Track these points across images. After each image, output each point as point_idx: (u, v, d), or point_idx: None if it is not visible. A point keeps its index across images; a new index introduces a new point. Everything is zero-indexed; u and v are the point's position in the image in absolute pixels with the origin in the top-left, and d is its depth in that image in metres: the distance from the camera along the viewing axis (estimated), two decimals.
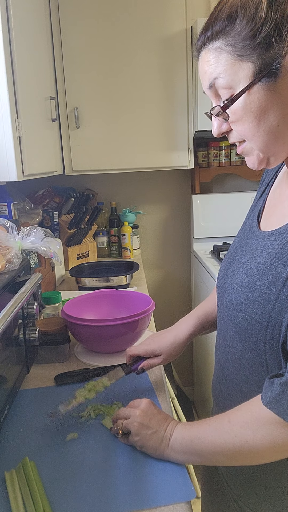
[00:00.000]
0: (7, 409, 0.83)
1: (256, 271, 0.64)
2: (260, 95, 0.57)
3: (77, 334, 1.12)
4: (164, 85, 1.96)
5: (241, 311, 0.65)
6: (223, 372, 0.75)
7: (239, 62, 0.57)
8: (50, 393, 0.96)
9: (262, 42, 0.55)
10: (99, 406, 0.87)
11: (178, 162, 2.04)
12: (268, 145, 0.61)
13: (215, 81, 0.60)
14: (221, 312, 0.74)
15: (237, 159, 2.24)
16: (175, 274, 2.52)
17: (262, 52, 0.55)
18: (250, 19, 0.55)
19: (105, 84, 1.93)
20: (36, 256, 1.51)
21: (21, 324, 0.94)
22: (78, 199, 2.06)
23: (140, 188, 2.41)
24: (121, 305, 1.26)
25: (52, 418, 0.84)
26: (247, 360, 0.67)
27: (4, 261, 0.91)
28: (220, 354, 0.76)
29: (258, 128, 0.59)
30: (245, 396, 0.68)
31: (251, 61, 0.56)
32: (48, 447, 0.77)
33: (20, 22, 1.33)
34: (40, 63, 1.64)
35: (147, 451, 0.70)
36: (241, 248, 0.72)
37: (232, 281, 0.69)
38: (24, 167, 1.33)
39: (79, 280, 1.72)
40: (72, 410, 0.83)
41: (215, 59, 0.59)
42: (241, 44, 0.56)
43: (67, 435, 0.79)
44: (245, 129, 0.60)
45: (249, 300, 0.63)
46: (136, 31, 1.90)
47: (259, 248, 0.66)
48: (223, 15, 0.57)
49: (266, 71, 0.56)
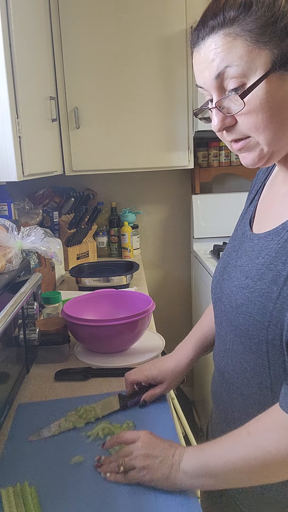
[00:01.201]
0: (7, 409, 0.83)
1: (255, 272, 0.63)
2: (277, 85, 0.55)
3: (77, 334, 1.12)
4: (164, 85, 1.96)
5: (241, 312, 0.64)
6: (223, 376, 0.74)
7: (257, 49, 0.55)
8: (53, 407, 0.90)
9: (282, 29, 0.54)
10: (108, 425, 0.81)
11: (178, 162, 2.04)
12: (277, 138, 0.59)
13: (225, 70, 0.57)
14: (219, 317, 0.73)
15: (237, 159, 2.24)
16: (175, 274, 2.52)
17: (281, 40, 0.54)
18: (269, 6, 0.54)
19: (105, 84, 1.93)
20: (36, 256, 1.51)
21: (21, 324, 0.94)
22: (78, 199, 2.06)
23: (140, 188, 2.41)
24: (121, 305, 1.26)
25: (32, 441, 0.78)
26: (248, 363, 0.66)
27: (4, 261, 0.91)
28: (219, 358, 0.75)
29: (271, 120, 0.57)
30: (246, 399, 0.68)
31: (269, 48, 0.54)
32: (49, 470, 0.71)
33: (20, 22, 1.33)
34: (40, 63, 1.64)
35: (158, 484, 0.64)
36: (235, 253, 0.72)
37: (230, 284, 0.69)
38: (24, 167, 1.33)
39: (79, 280, 1.71)
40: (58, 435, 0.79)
41: (226, 46, 0.56)
42: (259, 30, 0.54)
43: (72, 458, 0.73)
44: (257, 121, 0.57)
45: (249, 300, 0.62)
46: (136, 31, 1.90)
47: (256, 249, 0.66)
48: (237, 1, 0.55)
49: (284, 60, 0.54)
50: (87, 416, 0.83)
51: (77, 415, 0.83)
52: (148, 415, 0.85)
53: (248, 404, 0.68)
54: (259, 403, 0.66)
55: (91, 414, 0.83)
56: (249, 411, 0.67)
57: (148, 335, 1.23)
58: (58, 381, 1.01)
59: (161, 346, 1.17)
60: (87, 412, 0.84)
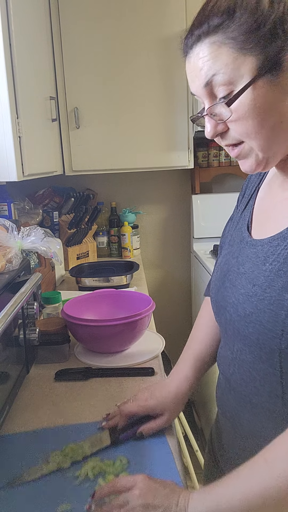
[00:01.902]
0: (7, 409, 0.83)
1: (263, 279, 0.60)
2: (264, 90, 0.55)
3: (77, 334, 1.12)
4: (164, 85, 1.96)
5: (250, 321, 0.61)
6: (229, 383, 0.71)
7: (241, 56, 0.55)
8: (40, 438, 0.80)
9: (265, 34, 0.53)
10: (99, 463, 0.71)
11: (178, 162, 2.04)
12: (270, 143, 0.58)
13: (213, 78, 0.57)
14: (224, 326, 0.70)
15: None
16: (175, 274, 2.52)
17: (265, 45, 0.53)
18: (252, 12, 0.53)
19: (105, 84, 1.93)
20: (36, 256, 1.51)
21: (21, 324, 0.94)
22: (78, 199, 2.06)
23: (140, 188, 2.41)
24: (121, 305, 1.26)
25: (11, 487, 0.67)
26: (257, 372, 0.63)
27: (4, 261, 0.91)
28: (225, 366, 0.72)
29: (261, 126, 0.57)
30: (255, 407, 0.65)
31: (253, 54, 0.54)
32: None
33: (20, 22, 1.33)
34: (40, 63, 1.64)
35: None
36: (235, 259, 0.69)
37: (235, 292, 0.65)
38: (24, 167, 1.33)
39: (79, 280, 1.71)
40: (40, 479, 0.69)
41: (214, 54, 0.56)
42: (243, 37, 0.54)
43: (57, 507, 0.62)
44: (247, 128, 0.57)
45: (259, 309, 0.59)
46: (136, 31, 1.90)
47: (261, 255, 0.63)
48: (221, 8, 0.55)
49: (269, 65, 0.54)
50: (74, 455, 0.73)
51: (62, 455, 0.73)
52: (143, 449, 0.75)
53: (257, 412, 0.65)
54: (269, 412, 0.63)
55: (78, 452, 0.73)
56: (258, 419, 0.65)
57: (148, 335, 1.23)
58: (58, 381, 1.01)
59: (161, 346, 1.17)
60: (73, 450, 0.73)
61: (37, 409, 0.90)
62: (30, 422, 0.86)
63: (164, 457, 0.73)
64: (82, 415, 0.87)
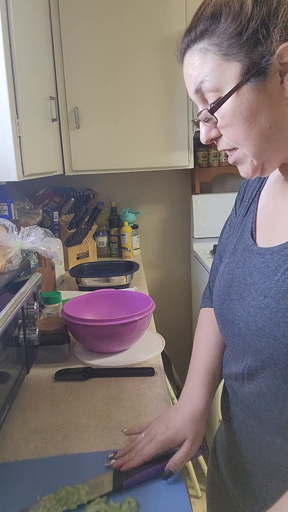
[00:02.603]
0: (7, 409, 0.83)
1: (276, 290, 0.57)
2: (250, 96, 0.54)
3: (77, 334, 1.12)
4: (164, 85, 1.96)
5: (263, 335, 0.57)
6: (236, 396, 0.68)
7: (225, 62, 0.54)
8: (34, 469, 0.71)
9: (249, 39, 0.52)
10: (103, 506, 0.62)
11: (178, 162, 2.04)
12: (261, 149, 0.58)
13: (201, 85, 0.57)
14: (232, 340, 0.66)
15: None
16: (175, 274, 2.52)
17: (250, 50, 0.53)
18: (235, 16, 0.52)
19: (105, 84, 1.93)
20: (36, 256, 1.51)
21: (21, 324, 0.94)
22: (78, 199, 2.06)
23: (140, 188, 2.41)
24: (121, 305, 1.26)
25: None
26: (269, 387, 0.60)
27: (4, 261, 0.91)
28: (232, 381, 0.69)
29: (249, 132, 0.56)
30: (263, 422, 0.62)
31: (238, 60, 0.53)
32: None
33: (20, 22, 1.33)
34: (40, 63, 1.64)
35: None
36: (240, 269, 0.66)
37: (244, 304, 0.62)
38: (24, 167, 1.33)
39: (79, 280, 1.71)
40: None
41: (200, 61, 0.56)
42: (226, 43, 0.53)
43: None
44: (236, 134, 0.57)
45: (273, 322, 0.56)
46: (136, 31, 1.90)
47: (271, 265, 0.60)
48: (207, 14, 0.55)
49: (254, 70, 0.53)
50: (68, 501, 0.63)
51: (56, 499, 0.63)
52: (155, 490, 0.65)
53: (266, 427, 0.62)
54: (278, 427, 0.60)
55: (73, 498, 0.63)
56: (266, 434, 0.63)
57: (148, 335, 1.23)
58: (58, 381, 1.01)
59: (161, 346, 1.17)
60: (69, 494, 0.63)
61: (37, 409, 0.90)
62: (30, 422, 0.86)
63: (180, 500, 0.63)
64: (83, 419, 0.87)
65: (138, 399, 0.92)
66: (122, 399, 0.92)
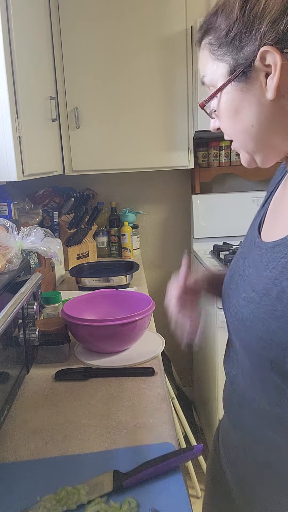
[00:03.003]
0: (7, 409, 0.83)
1: (262, 286, 0.59)
2: (233, 95, 0.58)
3: (77, 334, 1.12)
4: (164, 85, 1.96)
5: (245, 326, 0.60)
6: (232, 385, 0.71)
7: (216, 62, 0.58)
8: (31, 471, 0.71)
9: (234, 41, 0.55)
10: (103, 506, 0.63)
11: (178, 162, 2.04)
12: (246, 144, 0.61)
13: (204, 79, 0.62)
14: (228, 324, 0.70)
15: (237, 159, 2.24)
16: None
17: (235, 52, 0.55)
18: (226, 17, 0.55)
19: (105, 84, 1.93)
20: (36, 256, 1.51)
21: (21, 324, 0.94)
22: (78, 199, 2.06)
23: (140, 188, 2.41)
24: (121, 305, 1.26)
25: None
26: (258, 378, 0.62)
27: (4, 261, 0.91)
28: (229, 367, 0.72)
29: (234, 127, 0.61)
30: (255, 414, 0.64)
31: (225, 60, 0.57)
32: None
33: (20, 22, 1.33)
34: (40, 63, 1.64)
35: None
36: (243, 261, 0.68)
37: (237, 295, 0.65)
38: (24, 167, 1.33)
39: (79, 280, 1.72)
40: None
41: (203, 58, 0.61)
42: (217, 42, 0.57)
43: None
44: (225, 127, 0.63)
45: (254, 315, 0.59)
46: (136, 31, 1.90)
47: (264, 260, 0.61)
48: (212, 11, 0.58)
49: (238, 72, 0.56)
50: (68, 501, 0.63)
51: (56, 500, 0.63)
52: (155, 489, 0.65)
53: (258, 418, 0.64)
54: (268, 419, 0.62)
55: (73, 498, 0.64)
56: (259, 425, 0.64)
57: (148, 335, 1.23)
58: (58, 381, 1.01)
59: (161, 346, 1.17)
60: (69, 495, 0.64)
61: (37, 409, 0.90)
62: (30, 422, 0.86)
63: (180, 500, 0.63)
64: (83, 419, 0.87)
65: (138, 399, 0.92)
66: (122, 399, 0.92)
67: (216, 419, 1.79)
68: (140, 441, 0.77)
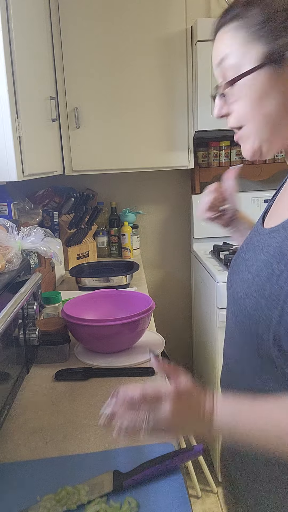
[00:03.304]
0: (7, 409, 0.83)
1: (256, 268, 0.65)
2: (265, 79, 0.60)
3: (77, 334, 1.12)
4: (164, 85, 1.96)
5: (240, 305, 0.67)
6: (226, 362, 0.77)
7: (250, 44, 0.60)
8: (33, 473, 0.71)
9: (277, 28, 0.58)
10: (103, 505, 0.62)
11: (178, 162, 2.04)
12: (263, 130, 0.63)
13: (225, 59, 0.63)
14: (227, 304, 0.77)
15: (237, 159, 2.24)
16: (175, 274, 2.52)
17: (273, 39, 0.58)
18: (265, 6, 0.59)
19: (105, 84, 1.93)
20: (36, 256, 1.51)
21: (21, 324, 0.94)
22: (78, 199, 2.06)
23: (140, 188, 2.41)
24: (121, 305, 1.26)
25: None
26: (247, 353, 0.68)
27: (4, 261, 0.91)
28: (226, 347, 0.78)
29: (255, 111, 0.62)
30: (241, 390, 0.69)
31: (263, 43, 0.59)
32: None
33: (20, 22, 1.33)
34: (40, 63, 1.64)
35: None
36: (246, 245, 0.74)
37: (236, 276, 0.71)
38: (24, 167, 1.33)
39: (79, 280, 1.71)
40: None
41: (230, 38, 0.62)
42: (256, 27, 0.59)
43: None
44: (244, 110, 0.63)
45: (246, 295, 0.65)
46: (136, 31, 1.90)
47: (261, 245, 0.68)
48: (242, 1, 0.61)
49: (274, 57, 0.58)
50: (68, 501, 0.63)
51: (56, 500, 0.63)
52: (155, 489, 0.65)
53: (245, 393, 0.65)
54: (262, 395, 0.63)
55: (73, 498, 0.64)
56: None
57: (148, 335, 1.23)
58: (58, 381, 1.01)
59: (161, 346, 1.17)
60: (69, 495, 0.64)
61: (37, 409, 0.90)
62: (30, 422, 0.86)
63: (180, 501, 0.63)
64: (83, 419, 0.87)
65: None
66: None
67: None
68: (140, 441, 0.77)
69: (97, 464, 0.71)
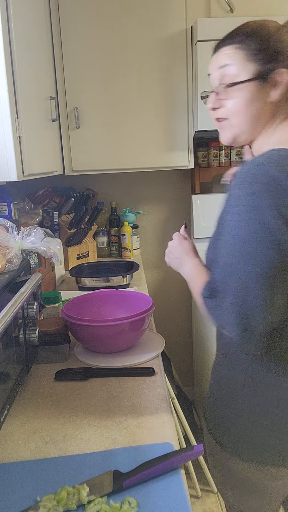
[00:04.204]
0: (7, 409, 0.83)
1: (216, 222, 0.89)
2: (253, 89, 0.83)
3: (77, 334, 1.12)
4: (164, 85, 1.96)
5: (207, 254, 0.98)
6: None
7: (248, 62, 0.83)
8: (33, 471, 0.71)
9: (264, 57, 0.81)
10: (103, 506, 0.62)
11: (178, 162, 2.04)
12: (244, 124, 0.85)
13: (226, 67, 0.84)
14: None
15: (237, 159, 2.24)
16: (175, 274, 2.49)
17: (264, 63, 0.81)
18: (262, 39, 0.82)
19: (105, 84, 1.93)
20: (36, 256, 1.51)
21: (21, 324, 0.94)
22: (78, 199, 2.06)
23: (140, 188, 2.41)
24: (121, 305, 1.26)
25: None
26: None
27: (4, 261, 0.91)
28: None
29: (243, 110, 0.84)
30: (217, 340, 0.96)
31: (256, 64, 0.82)
32: None
33: (20, 22, 1.33)
34: (40, 63, 1.64)
35: None
36: None
37: None
38: (24, 167, 1.33)
39: (79, 280, 1.71)
40: None
41: (232, 54, 0.84)
42: (253, 51, 0.82)
43: None
44: (234, 107, 0.85)
45: (209, 244, 0.95)
46: (136, 31, 1.90)
47: None
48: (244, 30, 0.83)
49: (262, 75, 0.82)
50: (68, 501, 0.63)
51: (56, 500, 0.63)
52: (155, 489, 0.65)
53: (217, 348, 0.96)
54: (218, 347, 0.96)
55: (73, 498, 0.64)
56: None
57: (148, 335, 1.23)
58: (58, 381, 1.01)
59: (161, 346, 1.17)
60: (69, 495, 0.64)
61: (37, 409, 0.90)
62: (30, 422, 0.86)
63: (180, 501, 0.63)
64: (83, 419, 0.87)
65: (138, 399, 0.92)
66: (122, 399, 0.92)
67: None
68: (140, 441, 0.78)
69: (97, 464, 0.71)
